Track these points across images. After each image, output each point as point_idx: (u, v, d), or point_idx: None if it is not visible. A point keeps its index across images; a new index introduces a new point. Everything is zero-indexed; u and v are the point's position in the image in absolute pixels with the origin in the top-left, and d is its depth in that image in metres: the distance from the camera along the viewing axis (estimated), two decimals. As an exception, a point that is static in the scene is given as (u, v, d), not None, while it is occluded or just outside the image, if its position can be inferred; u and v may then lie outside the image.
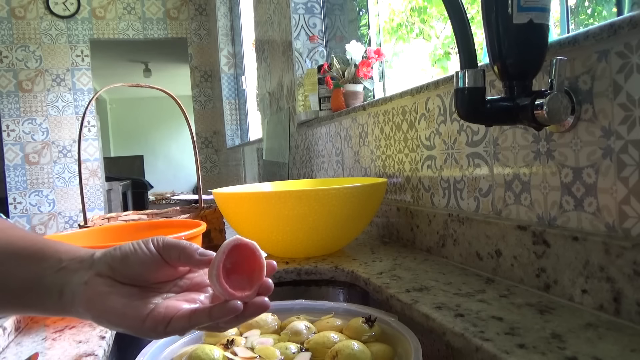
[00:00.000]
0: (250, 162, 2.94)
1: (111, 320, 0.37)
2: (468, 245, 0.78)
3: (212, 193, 0.98)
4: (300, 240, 0.90)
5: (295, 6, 1.72)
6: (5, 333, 0.60)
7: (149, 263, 0.39)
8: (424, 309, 0.60)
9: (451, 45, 1.51)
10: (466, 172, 0.80)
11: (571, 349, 0.46)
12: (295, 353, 0.56)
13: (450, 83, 0.83)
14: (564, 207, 0.61)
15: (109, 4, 3.87)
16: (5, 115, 3.64)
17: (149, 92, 7.09)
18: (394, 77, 1.51)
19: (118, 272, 0.39)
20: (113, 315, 0.37)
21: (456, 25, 0.57)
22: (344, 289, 0.86)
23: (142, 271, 0.39)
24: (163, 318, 0.37)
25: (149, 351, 0.54)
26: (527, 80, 0.57)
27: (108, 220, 1.03)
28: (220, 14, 3.62)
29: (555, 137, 0.61)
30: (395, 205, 1.03)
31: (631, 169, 0.51)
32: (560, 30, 0.85)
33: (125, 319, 0.37)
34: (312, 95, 1.57)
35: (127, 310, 0.37)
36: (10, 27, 3.64)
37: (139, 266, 0.39)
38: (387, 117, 1.07)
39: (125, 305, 0.37)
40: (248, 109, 3.47)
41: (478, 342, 0.49)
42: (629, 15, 0.50)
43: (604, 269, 0.53)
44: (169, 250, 0.39)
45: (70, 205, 3.79)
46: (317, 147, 1.59)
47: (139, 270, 0.39)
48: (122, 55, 5.28)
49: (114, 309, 0.37)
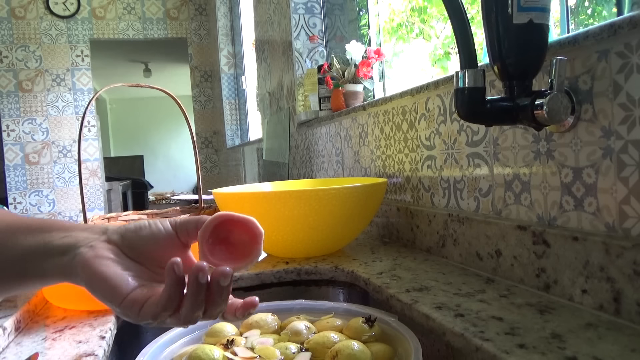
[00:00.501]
0: (250, 162, 2.94)
1: (98, 286, 0.36)
2: (468, 245, 0.78)
3: (212, 193, 0.98)
4: (300, 240, 0.90)
5: (295, 6, 1.72)
6: (5, 333, 0.60)
7: (161, 239, 0.39)
8: (424, 309, 0.60)
9: (451, 45, 1.51)
10: (466, 172, 0.80)
11: (571, 349, 0.46)
12: (295, 353, 0.56)
13: (450, 83, 0.83)
14: (564, 207, 0.61)
15: (109, 4, 3.87)
16: (5, 115, 3.64)
17: (149, 92, 7.09)
18: (394, 77, 1.51)
19: (127, 243, 0.39)
20: (102, 281, 0.36)
21: (456, 25, 0.57)
22: (344, 289, 0.86)
23: (153, 246, 0.39)
24: (140, 299, 0.36)
25: (149, 351, 0.54)
26: (527, 80, 0.57)
27: (108, 220, 1.03)
28: (220, 14, 3.62)
29: (555, 137, 0.61)
30: (395, 205, 1.03)
31: (631, 169, 0.51)
32: (560, 30, 0.85)
33: (110, 289, 0.36)
34: (312, 95, 1.57)
35: (116, 281, 0.36)
36: (10, 27, 3.64)
37: (150, 240, 0.39)
38: (387, 117, 1.07)
39: (116, 275, 0.36)
40: (248, 109, 3.47)
41: (478, 342, 0.49)
42: (629, 15, 0.50)
43: (604, 269, 0.53)
44: (186, 225, 0.39)
45: (70, 205, 3.79)
46: (317, 147, 1.59)
47: (149, 245, 0.39)
48: (122, 55, 5.28)
49: (104, 275, 0.36)
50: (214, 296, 0.36)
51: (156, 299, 0.36)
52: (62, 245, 0.38)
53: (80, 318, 0.69)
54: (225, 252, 0.39)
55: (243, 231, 0.39)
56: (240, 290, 0.86)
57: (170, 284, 0.35)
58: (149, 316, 0.36)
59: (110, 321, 0.67)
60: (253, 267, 0.89)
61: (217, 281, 0.36)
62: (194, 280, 0.35)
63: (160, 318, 0.36)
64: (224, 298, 0.37)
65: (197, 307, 0.36)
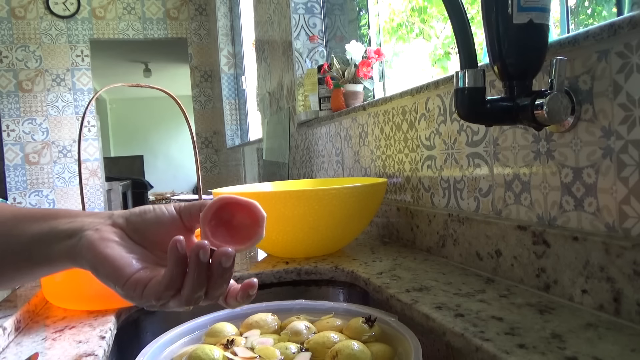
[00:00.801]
0: (250, 162, 2.94)
1: (102, 267, 0.37)
2: (468, 245, 0.78)
3: (212, 193, 0.98)
4: (300, 240, 0.90)
5: (295, 6, 1.72)
6: (5, 333, 0.60)
7: (166, 222, 0.39)
8: (424, 309, 0.60)
9: (451, 45, 1.51)
10: (466, 172, 0.80)
11: (571, 349, 0.46)
12: (295, 353, 0.56)
13: (450, 83, 0.83)
14: (564, 207, 0.61)
15: (109, 4, 3.87)
16: (5, 115, 3.64)
17: (149, 92, 7.09)
18: (394, 77, 1.51)
19: (132, 226, 0.39)
20: (106, 262, 0.36)
21: (456, 25, 0.57)
22: (344, 289, 0.86)
23: (157, 230, 0.39)
24: (143, 280, 0.36)
25: (149, 351, 0.54)
26: (527, 80, 0.57)
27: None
28: (220, 14, 3.62)
29: (555, 137, 0.61)
30: (395, 205, 1.03)
31: (631, 169, 0.51)
32: (560, 30, 0.85)
33: (114, 270, 0.36)
34: (312, 95, 1.57)
35: (120, 263, 0.36)
36: (10, 27, 3.64)
37: (154, 223, 0.39)
38: (387, 117, 1.07)
39: (121, 257, 0.37)
40: (248, 109, 3.47)
41: (478, 342, 0.49)
42: (629, 15, 0.50)
43: (604, 269, 0.53)
44: (189, 208, 0.40)
45: (70, 205, 3.79)
46: (317, 147, 1.59)
47: (153, 228, 0.39)
48: (122, 55, 5.28)
49: (109, 257, 0.36)
50: (216, 277, 0.36)
51: (159, 279, 0.36)
52: (68, 229, 0.39)
53: (80, 318, 0.69)
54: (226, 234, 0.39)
55: (245, 214, 0.39)
56: (240, 290, 0.86)
57: (173, 261, 0.35)
58: (152, 297, 0.36)
59: (110, 321, 0.67)
60: (253, 267, 0.89)
61: (219, 262, 0.36)
62: (195, 258, 0.35)
63: (163, 299, 0.36)
64: (225, 279, 0.37)
65: (199, 287, 0.36)
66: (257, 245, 1.01)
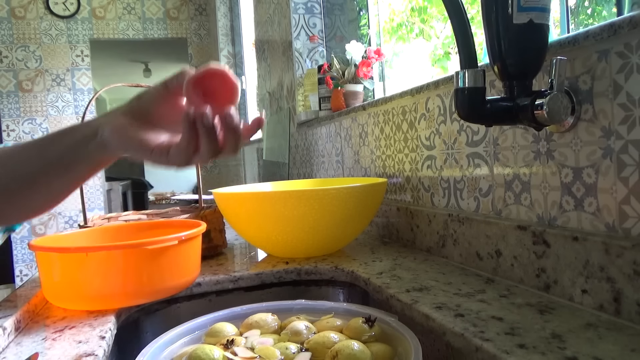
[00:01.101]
0: (250, 162, 2.94)
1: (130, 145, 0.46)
2: (468, 245, 0.78)
3: (212, 193, 0.98)
4: (300, 240, 0.90)
5: (295, 6, 1.72)
6: (5, 333, 0.60)
7: (157, 96, 0.48)
8: (424, 309, 0.60)
9: (451, 45, 1.51)
10: (466, 172, 0.80)
11: (571, 349, 0.46)
12: (295, 353, 0.56)
13: (450, 83, 0.83)
14: (564, 207, 0.61)
15: (109, 4, 3.87)
16: (5, 115, 3.64)
17: (149, 92, 7.07)
18: (394, 77, 1.51)
19: (137, 110, 0.48)
20: (132, 140, 0.46)
21: (456, 25, 0.57)
22: (344, 289, 0.86)
23: (155, 104, 0.48)
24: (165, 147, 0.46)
25: (149, 351, 0.54)
26: (527, 80, 0.57)
27: (108, 220, 1.03)
28: (220, 14, 3.62)
29: (555, 137, 0.61)
30: (395, 205, 1.03)
31: (631, 169, 0.51)
32: (560, 30, 0.85)
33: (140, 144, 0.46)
34: (312, 95, 1.57)
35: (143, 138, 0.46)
36: (10, 27, 3.64)
37: (150, 100, 0.48)
38: (387, 117, 1.07)
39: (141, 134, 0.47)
40: (248, 109, 3.47)
41: (478, 342, 0.49)
42: (629, 15, 0.50)
43: (604, 269, 0.53)
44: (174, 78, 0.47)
45: (70, 205, 3.79)
46: (317, 147, 1.59)
47: (152, 104, 0.48)
48: (122, 55, 5.28)
49: (132, 137, 0.46)
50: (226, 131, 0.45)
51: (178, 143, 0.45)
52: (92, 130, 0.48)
53: (80, 318, 0.69)
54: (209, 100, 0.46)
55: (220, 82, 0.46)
56: (240, 290, 0.86)
57: (187, 127, 0.44)
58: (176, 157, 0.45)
59: (110, 321, 0.67)
60: (253, 267, 0.89)
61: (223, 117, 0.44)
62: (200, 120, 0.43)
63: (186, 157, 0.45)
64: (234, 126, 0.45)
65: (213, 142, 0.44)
66: (257, 245, 1.01)
